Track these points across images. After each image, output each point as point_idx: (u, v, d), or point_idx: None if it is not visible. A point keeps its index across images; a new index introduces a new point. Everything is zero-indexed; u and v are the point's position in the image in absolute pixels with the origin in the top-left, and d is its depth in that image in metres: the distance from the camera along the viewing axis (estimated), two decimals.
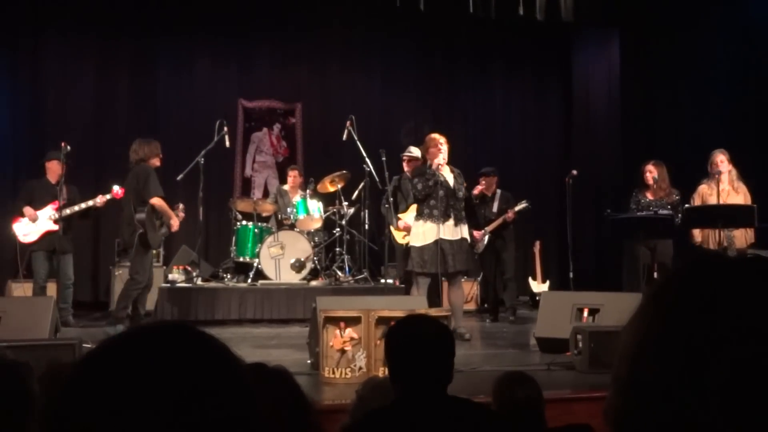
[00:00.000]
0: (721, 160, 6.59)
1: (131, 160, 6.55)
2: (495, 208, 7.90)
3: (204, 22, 9.53)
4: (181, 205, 7.00)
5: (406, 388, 2.11)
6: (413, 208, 6.92)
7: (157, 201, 6.40)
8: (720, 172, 6.55)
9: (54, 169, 7.32)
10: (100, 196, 7.21)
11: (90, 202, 7.21)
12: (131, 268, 6.49)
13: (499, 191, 8.02)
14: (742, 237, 6.54)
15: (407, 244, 7.08)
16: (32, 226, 7.19)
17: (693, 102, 8.72)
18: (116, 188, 7.16)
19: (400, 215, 7.20)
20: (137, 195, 6.40)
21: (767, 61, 7.98)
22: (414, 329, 2.23)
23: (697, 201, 6.71)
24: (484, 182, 7.96)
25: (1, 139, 8.87)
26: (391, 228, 7.44)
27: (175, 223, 6.65)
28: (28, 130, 9.02)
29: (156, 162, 6.60)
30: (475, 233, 7.81)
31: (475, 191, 7.40)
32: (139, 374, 0.68)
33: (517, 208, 7.77)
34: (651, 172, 6.98)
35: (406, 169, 7.50)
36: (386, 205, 7.27)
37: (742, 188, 6.63)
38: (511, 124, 10.61)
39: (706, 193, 6.64)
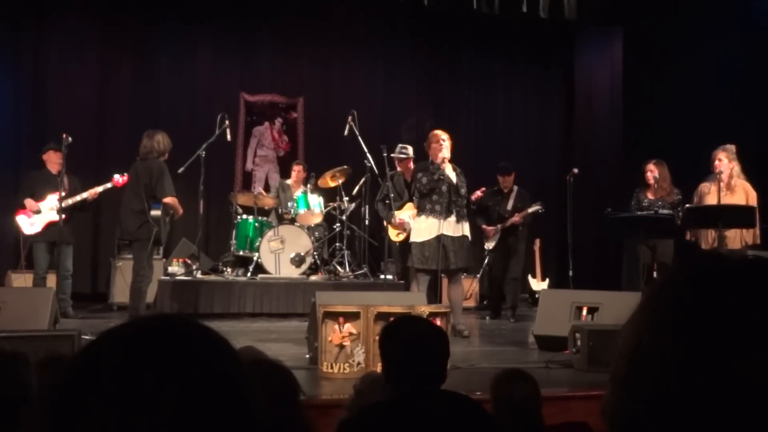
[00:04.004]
0: (720, 158, 6.51)
1: (149, 149, 6.31)
2: (509, 206, 7.81)
3: (206, 15, 9.52)
4: None
5: (401, 388, 2.12)
6: (409, 206, 6.91)
7: (171, 200, 6.33)
8: (718, 173, 6.50)
9: (52, 160, 7.33)
10: (93, 189, 7.21)
11: (84, 195, 7.21)
12: (138, 263, 6.31)
13: (516, 188, 7.92)
14: (736, 238, 6.50)
15: (401, 241, 7.08)
16: (36, 218, 7.20)
17: (695, 100, 8.71)
18: (117, 177, 7.15)
19: (395, 212, 7.17)
20: (148, 190, 6.26)
21: None
22: (408, 330, 2.24)
23: (695, 200, 6.68)
24: (505, 180, 7.89)
25: (4, 130, 8.87)
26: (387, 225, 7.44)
27: (179, 210, 6.59)
28: (30, 120, 9.02)
29: (167, 155, 6.56)
30: (487, 228, 7.80)
31: (473, 197, 7.33)
32: (137, 366, 0.68)
33: (530, 210, 7.71)
34: (652, 172, 6.97)
35: (398, 168, 7.49)
36: (387, 201, 7.26)
37: (742, 186, 6.52)
38: (512, 121, 10.61)
39: (704, 193, 6.62)
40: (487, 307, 8.42)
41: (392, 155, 7.51)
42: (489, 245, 7.86)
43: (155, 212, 6.26)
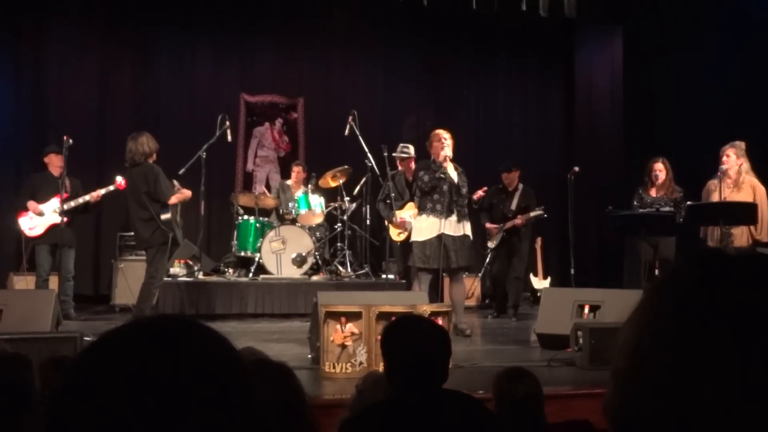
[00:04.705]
0: (728, 155, 6.46)
1: (136, 153, 6.27)
2: (513, 205, 7.79)
3: (206, 15, 9.53)
4: (176, 182, 6.80)
5: (403, 388, 2.12)
6: (410, 205, 6.91)
7: (175, 199, 6.33)
8: (723, 170, 6.46)
9: (54, 163, 7.35)
10: (96, 191, 7.21)
11: (87, 197, 7.21)
12: (152, 266, 6.30)
13: (521, 186, 7.89)
14: (743, 235, 6.47)
15: (402, 241, 7.08)
16: (38, 220, 7.21)
17: (696, 98, 8.70)
18: (119, 179, 7.15)
19: (396, 212, 7.16)
20: (150, 196, 6.21)
21: None
22: (410, 329, 2.24)
23: (703, 197, 6.66)
24: (507, 178, 7.88)
25: (5, 132, 8.88)
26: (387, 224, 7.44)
27: (188, 193, 6.57)
28: (31, 123, 9.03)
29: (155, 156, 6.53)
30: (490, 227, 7.79)
31: (475, 196, 7.36)
32: (138, 367, 0.68)
33: (532, 214, 7.68)
34: (660, 170, 6.93)
35: (400, 167, 7.48)
36: (388, 201, 7.26)
37: (750, 182, 6.45)
38: (513, 120, 10.60)
39: (711, 190, 6.58)
40: (489, 306, 8.41)
41: (394, 154, 7.51)
42: (492, 244, 7.85)
43: (165, 216, 6.22)
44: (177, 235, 6.30)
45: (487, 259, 8.25)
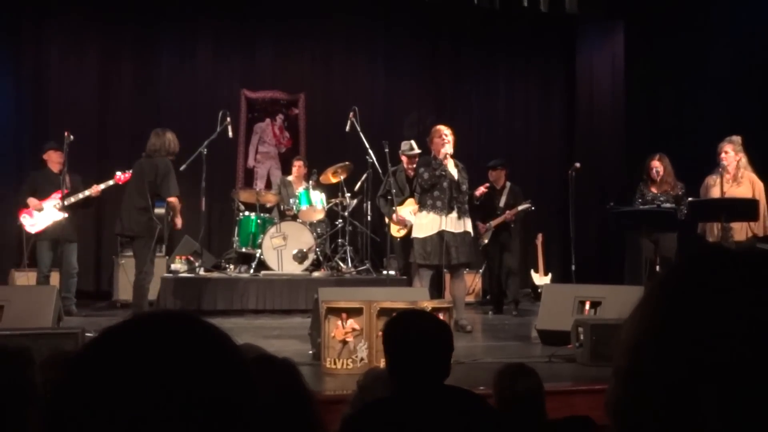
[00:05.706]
0: (726, 151, 6.47)
1: (157, 147, 6.28)
2: (502, 203, 7.81)
3: (207, 12, 9.52)
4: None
5: (404, 383, 2.12)
6: (409, 201, 6.90)
7: (174, 200, 6.33)
8: (723, 166, 6.45)
9: (54, 159, 7.35)
10: (95, 186, 7.22)
11: (87, 192, 7.22)
12: (140, 261, 6.28)
13: (509, 184, 7.92)
14: (742, 230, 6.48)
15: (402, 237, 7.07)
16: (39, 216, 7.22)
17: (697, 94, 8.69)
18: (119, 174, 7.15)
19: (395, 208, 7.15)
20: (152, 188, 6.23)
21: None
22: (412, 325, 2.24)
23: (702, 193, 6.67)
24: (492, 175, 7.89)
25: (5, 129, 8.88)
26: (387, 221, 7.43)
27: (179, 222, 6.57)
28: (32, 119, 9.03)
29: (173, 157, 6.52)
30: (480, 225, 7.81)
31: (477, 192, 7.33)
32: (140, 363, 0.68)
33: (520, 208, 7.70)
34: (656, 167, 6.93)
35: (406, 165, 7.46)
36: (389, 197, 7.25)
37: (748, 177, 6.46)
38: (514, 116, 10.59)
39: (710, 185, 6.59)
40: (489, 302, 8.43)
41: (407, 152, 7.47)
42: (483, 241, 7.88)
43: (159, 210, 6.23)
44: (165, 231, 6.30)
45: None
